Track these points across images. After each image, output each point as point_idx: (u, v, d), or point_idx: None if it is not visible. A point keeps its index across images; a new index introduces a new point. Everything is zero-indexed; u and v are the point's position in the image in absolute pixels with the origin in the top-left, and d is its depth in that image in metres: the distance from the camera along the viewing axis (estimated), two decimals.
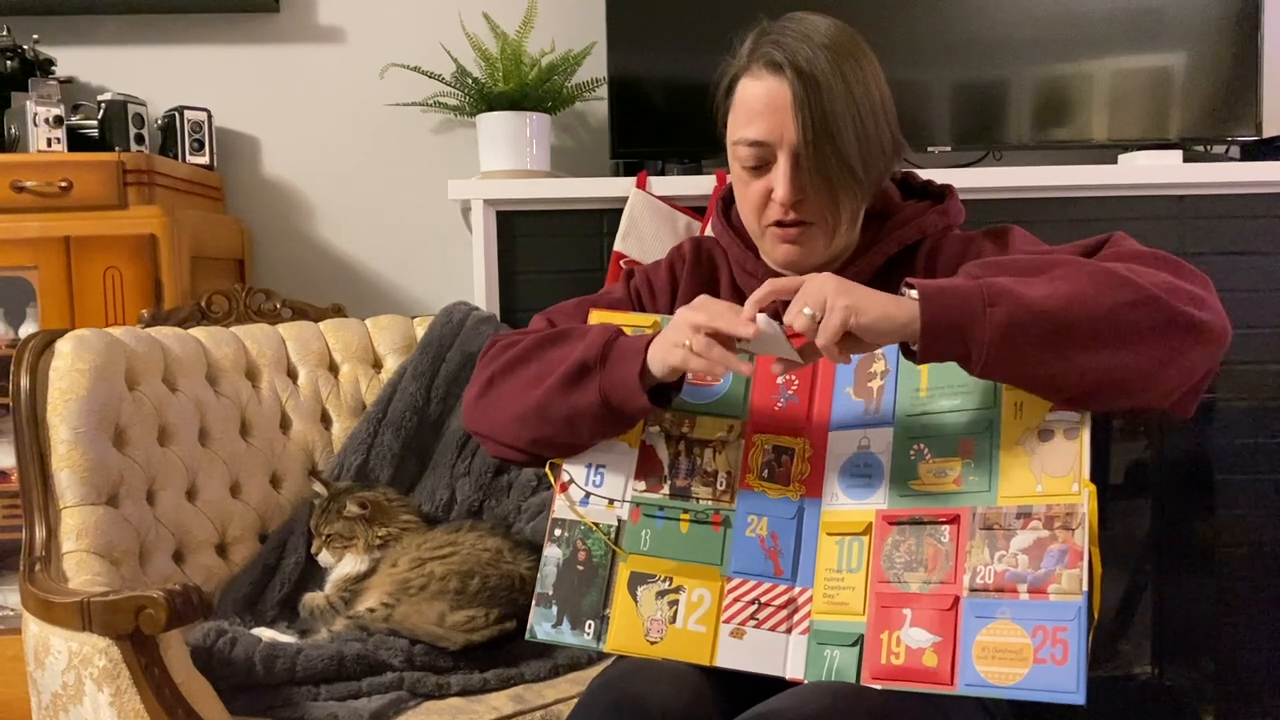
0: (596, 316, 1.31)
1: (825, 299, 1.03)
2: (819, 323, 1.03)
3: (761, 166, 1.23)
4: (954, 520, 1.08)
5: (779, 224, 1.24)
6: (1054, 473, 1.04)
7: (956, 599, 1.05)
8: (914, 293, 1.03)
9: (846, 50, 1.21)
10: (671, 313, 1.31)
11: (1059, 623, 0.99)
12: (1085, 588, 0.99)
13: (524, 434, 1.24)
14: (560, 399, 1.19)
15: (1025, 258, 1.09)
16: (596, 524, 1.22)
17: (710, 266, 1.38)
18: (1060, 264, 1.06)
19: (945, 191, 1.33)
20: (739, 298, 1.33)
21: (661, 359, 1.13)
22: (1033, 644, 1.00)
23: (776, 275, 1.30)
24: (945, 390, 1.13)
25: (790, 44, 1.19)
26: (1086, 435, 1.04)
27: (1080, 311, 1.00)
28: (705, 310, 1.10)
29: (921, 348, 1.03)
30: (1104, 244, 1.16)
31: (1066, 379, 1.02)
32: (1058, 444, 1.05)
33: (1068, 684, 0.97)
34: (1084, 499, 1.01)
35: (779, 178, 1.21)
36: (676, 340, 1.11)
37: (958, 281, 1.04)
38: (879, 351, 1.18)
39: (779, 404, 1.21)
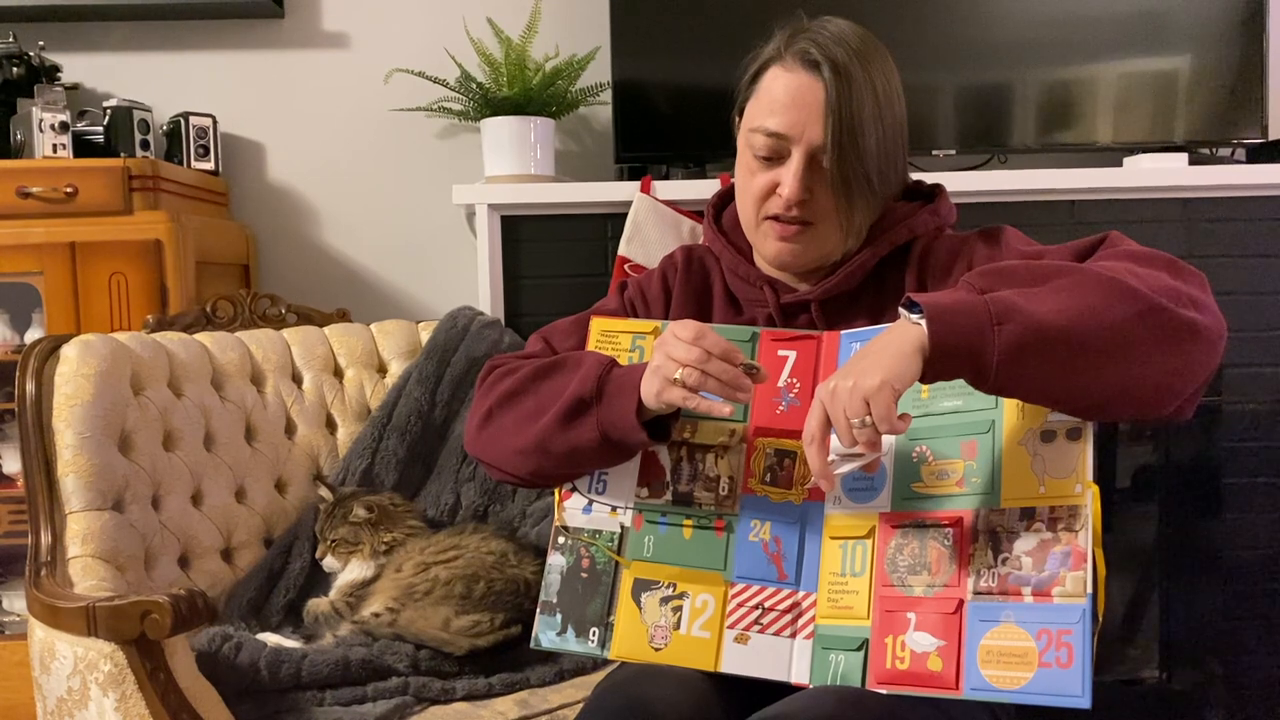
0: (598, 324, 1.31)
1: (855, 400, 0.98)
2: (872, 424, 0.98)
3: (773, 159, 1.22)
4: (957, 523, 1.08)
5: (777, 218, 1.24)
6: (1056, 474, 1.04)
7: (960, 602, 1.05)
8: (914, 315, 1.00)
9: (878, 63, 1.21)
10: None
11: (1063, 626, 0.99)
12: (1089, 590, 0.99)
13: (526, 466, 1.24)
14: (559, 435, 1.19)
15: (1026, 264, 1.06)
16: (599, 532, 1.22)
17: (702, 274, 1.37)
18: (1063, 272, 1.03)
19: (935, 191, 1.32)
20: (733, 305, 1.34)
21: (656, 394, 1.11)
22: (1037, 647, 0.99)
23: (769, 280, 1.30)
24: (947, 391, 1.12)
25: (827, 44, 1.19)
26: (1089, 436, 1.03)
27: (1089, 327, 0.97)
28: (687, 347, 1.09)
29: (928, 372, 0.99)
30: (1100, 244, 1.14)
31: (1076, 394, 1.00)
32: (1060, 445, 1.05)
33: (1073, 688, 0.97)
34: (1087, 500, 1.01)
35: (789, 174, 1.20)
36: (667, 374, 1.10)
37: (962, 296, 1.00)
38: None
39: (780, 408, 1.21)
